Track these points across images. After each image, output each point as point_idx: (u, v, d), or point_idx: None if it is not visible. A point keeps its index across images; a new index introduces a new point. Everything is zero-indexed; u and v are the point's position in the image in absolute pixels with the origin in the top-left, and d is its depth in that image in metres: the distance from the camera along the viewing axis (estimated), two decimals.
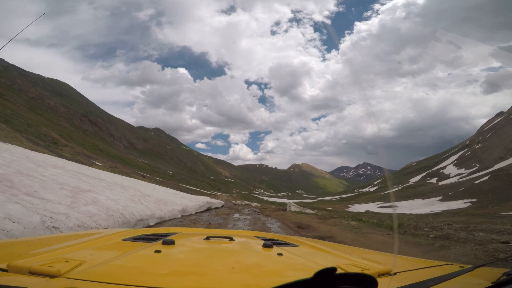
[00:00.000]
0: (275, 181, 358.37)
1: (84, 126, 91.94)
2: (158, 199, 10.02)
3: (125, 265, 0.96)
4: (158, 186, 20.15)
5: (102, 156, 46.29)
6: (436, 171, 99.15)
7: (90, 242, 1.33)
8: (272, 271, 1.04)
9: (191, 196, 18.65)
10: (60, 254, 1.01)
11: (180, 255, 1.18)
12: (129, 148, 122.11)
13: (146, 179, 28.36)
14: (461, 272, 0.97)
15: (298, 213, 16.31)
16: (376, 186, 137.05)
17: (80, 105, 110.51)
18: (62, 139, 40.29)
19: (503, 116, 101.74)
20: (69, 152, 31.50)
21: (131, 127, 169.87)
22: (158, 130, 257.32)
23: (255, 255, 1.28)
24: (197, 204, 13.05)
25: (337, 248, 1.77)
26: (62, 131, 52.70)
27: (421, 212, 37.03)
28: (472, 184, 58.02)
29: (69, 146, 35.90)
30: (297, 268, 1.10)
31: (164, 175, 67.07)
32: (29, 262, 0.81)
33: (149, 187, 15.51)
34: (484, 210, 29.18)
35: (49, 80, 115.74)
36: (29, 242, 1.25)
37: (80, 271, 0.80)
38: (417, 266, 1.26)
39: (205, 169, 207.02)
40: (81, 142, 51.10)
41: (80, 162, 21.60)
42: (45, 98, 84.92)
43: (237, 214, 13.60)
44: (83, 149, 39.95)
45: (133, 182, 14.97)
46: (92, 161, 29.91)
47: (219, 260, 1.09)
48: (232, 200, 36.78)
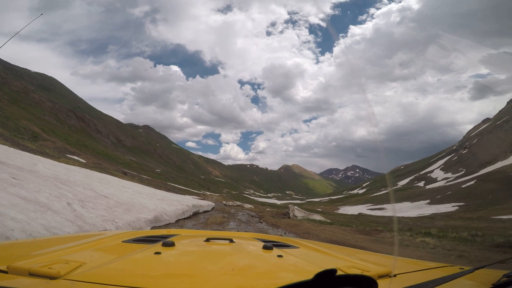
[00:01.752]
0: (265, 182, 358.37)
1: (70, 121, 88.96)
2: (118, 203, 7.38)
3: (125, 267, 0.96)
4: (131, 184, 16.93)
5: (86, 152, 44.46)
6: (424, 174, 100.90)
7: (90, 243, 1.33)
8: (272, 272, 1.05)
9: (174, 198, 14.93)
10: (60, 255, 1.01)
11: (180, 257, 1.19)
12: (117, 145, 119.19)
13: (128, 176, 27.06)
14: (461, 274, 0.98)
15: (311, 221, 12.88)
16: (364, 188, 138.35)
17: (67, 100, 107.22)
18: (43, 133, 38.43)
19: (489, 122, 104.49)
20: (50, 146, 29.93)
21: (120, 124, 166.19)
22: (147, 127, 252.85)
23: (255, 257, 1.29)
24: (179, 209, 10.24)
25: (337, 249, 1.78)
26: (45, 126, 50.54)
27: (410, 215, 37.06)
28: (459, 188, 59.00)
29: (50, 141, 34.17)
30: (297, 269, 1.11)
31: (152, 173, 65.40)
32: (29, 263, 0.80)
33: (117, 185, 12.52)
34: (476, 214, 29.31)
35: (35, 74, 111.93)
36: (29, 244, 1.25)
37: (80, 272, 0.81)
38: (417, 268, 1.26)
39: (195, 168, 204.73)
40: (65, 137, 49.06)
41: (46, 154, 20.32)
42: (30, 92, 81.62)
43: (233, 222, 11.29)
44: (66, 144, 38.20)
45: (96, 178, 12.04)
46: (69, 155, 28.42)
47: (219, 262, 1.11)
48: (222, 200, 35.20)
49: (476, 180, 59.06)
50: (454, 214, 34.85)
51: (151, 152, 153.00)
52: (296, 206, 17.64)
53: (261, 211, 21.04)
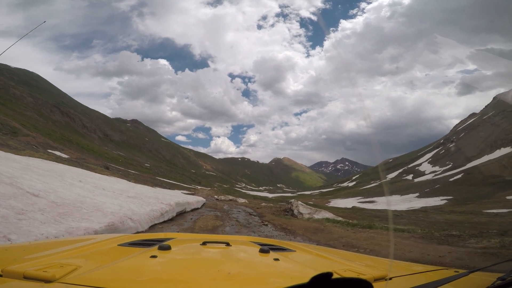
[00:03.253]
0: (256, 175, 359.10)
1: (54, 116, 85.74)
2: (55, 204, 5.20)
3: (120, 271, 0.96)
4: (101, 178, 13.82)
5: (70, 147, 42.66)
6: (412, 168, 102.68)
7: (86, 247, 1.32)
8: (269, 276, 1.06)
9: (154, 194, 11.78)
10: (55, 259, 1.00)
11: (177, 261, 1.18)
12: (104, 140, 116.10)
13: (109, 171, 25.82)
14: (456, 277, 0.99)
15: (336, 223, 9.79)
16: (354, 181, 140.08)
17: (51, 96, 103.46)
18: (23, 129, 36.52)
19: (476, 117, 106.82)
20: (31, 142, 28.35)
21: (107, 119, 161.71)
22: (136, 121, 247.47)
23: (252, 261, 1.29)
24: (156, 210, 7.78)
25: (333, 253, 1.79)
26: (26, 121, 48.27)
27: (401, 208, 37.30)
28: (447, 181, 60.12)
29: (31, 136, 32.47)
30: (293, 273, 1.11)
31: (140, 168, 63.84)
32: (24, 267, 0.81)
33: (74, 179, 9.36)
34: (465, 208, 29.66)
35: (16, 70, 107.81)
36: (24, 247, 1.24)
37: (75, 276, 0.81)
38: (412, 271, 1.27)
39: (186, 162, 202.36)
40: (48, 133, 46.96)
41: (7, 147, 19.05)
42: (10, 87, 78.52)
43: (229, 226, 8.89)
44: (48, 139, 36.44)
45: (41, 170, 9.03)
46: (51, 151, 26.96)
47: (215, 265, 1.11)
48: (214, 194, 34.02)
49: (463, 174, 60.30)
50: (443, 207, 35.28)
51: (140, 147, 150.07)
52: (300, 202, 15.40)
53: (258, 207, 19.69)
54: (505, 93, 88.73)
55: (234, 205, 20.10)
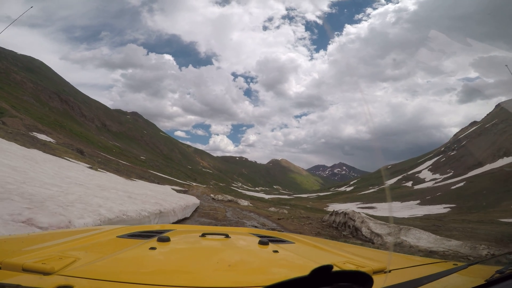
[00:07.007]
0: (253, 175, 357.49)
1: (52, 103, 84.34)
2: None
3: (119, 262, 0.95)
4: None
5: (60, 132, 40.91)
6: (412, 175, 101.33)
7: (85, 239, 1.31)
8: (268, 268, 1.06)
9: (123, 193, 8.23)
10: (54, 251, 0.99)
11: (176, 252, 1.18)
12: (102, 129, 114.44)
13: (84, 158, 23.74)
14: (455, 270, 1.00)
15: None
16: (352, 186, 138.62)
17: (53, 83, 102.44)
18: (12, 110, 34.91)
19: (478, 125, 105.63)
20: (14, 123, 26.70)
21: (107, 109, 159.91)
22: (135, 114, 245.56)
23: (251, 252, 1.28)
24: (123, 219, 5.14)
25: (332, 245, 1.79)
26: (18, 104, 46.62)
27: (403, 215, 35.79)
28: (449, 189, 58.71)
29: (18, 118, 30.82)
30: (293, 265, 1.11)
31: (134, 160, 62.14)
32: (23, 259, 0.80)
33: None
34: (471, 216, 28.18)
35: (21, 56, 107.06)
36: (23, 239, 1.22)
37: (74, 268, 0.80)
38: (411, 263, 1.28)
39: (183, 157, 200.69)
40: (39, 117, 45.25)
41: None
42: (11, 72, 77.71)
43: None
44: (37, 123, 34.74)
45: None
46: (36, 133, 25.31)
47: (214, 257, 1.10)
48: (210, 193, 30.92)
49: (465, 182, 58.91)
50: (447, 215, 33.81)
51: (137, 139, 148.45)
52: (365, 215, 10.21)
53: (270, 215, 14.98)
54: (508, 101, 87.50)
55: (238, 210, 16.10)
